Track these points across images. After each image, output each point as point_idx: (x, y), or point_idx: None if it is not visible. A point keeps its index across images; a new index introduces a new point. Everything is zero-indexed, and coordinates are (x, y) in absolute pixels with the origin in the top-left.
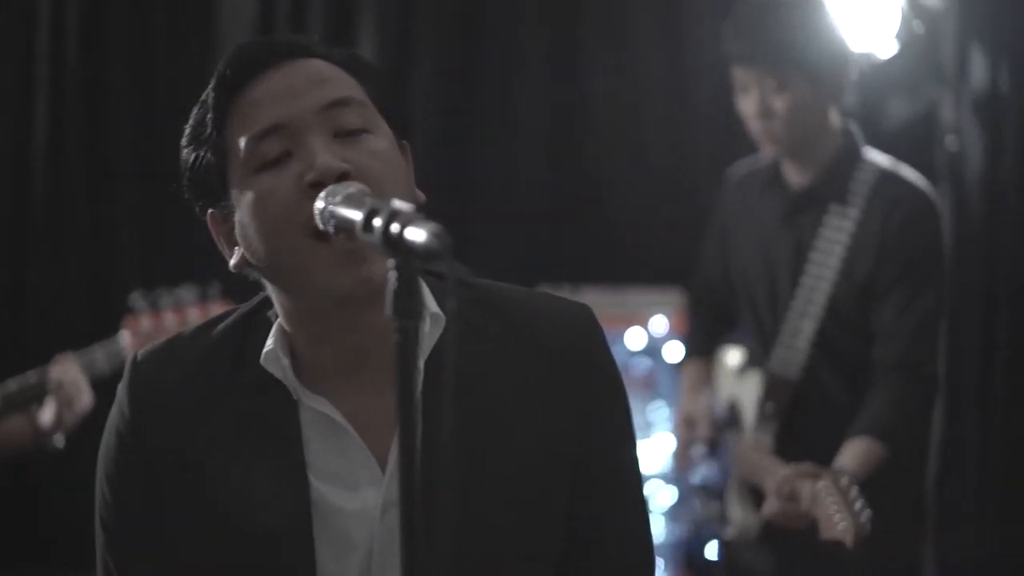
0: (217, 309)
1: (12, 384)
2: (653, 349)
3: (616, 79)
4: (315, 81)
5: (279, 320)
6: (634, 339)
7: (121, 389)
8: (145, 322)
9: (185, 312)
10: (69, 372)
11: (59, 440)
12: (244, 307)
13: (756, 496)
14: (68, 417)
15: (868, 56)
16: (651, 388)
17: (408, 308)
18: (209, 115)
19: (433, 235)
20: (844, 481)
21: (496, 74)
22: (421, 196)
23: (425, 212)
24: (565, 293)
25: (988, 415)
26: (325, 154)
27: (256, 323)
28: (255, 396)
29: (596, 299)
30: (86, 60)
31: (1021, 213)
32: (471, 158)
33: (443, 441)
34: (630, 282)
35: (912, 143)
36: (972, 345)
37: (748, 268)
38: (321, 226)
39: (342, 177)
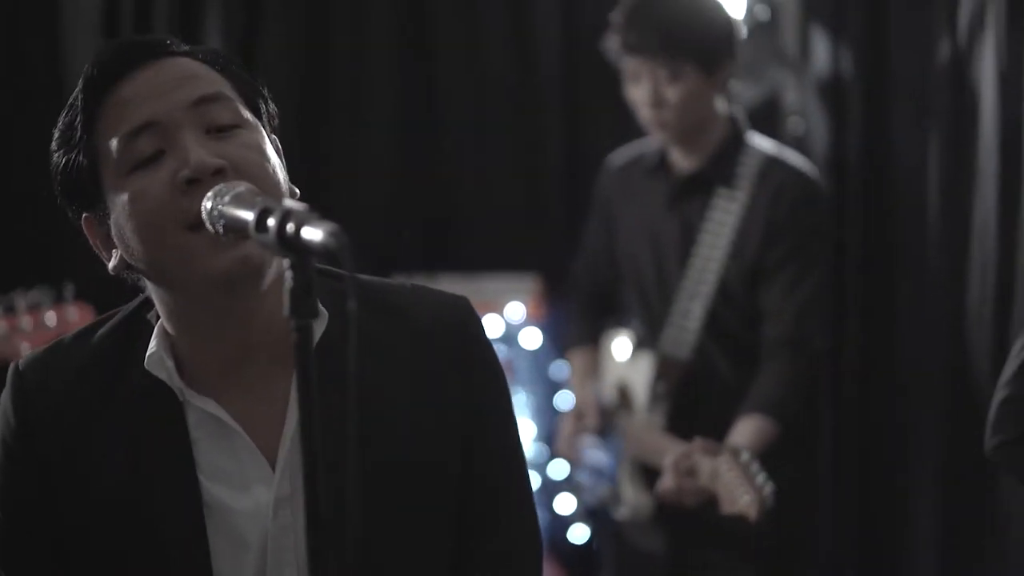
0: (73, 310)
1: None
2: (510, 336)
3: (464, 64)
4: (184, 78)
5: (160, 322)
6: (491, 326)
7: (4, 398)
8: (1, 325)
9: (40, 313)
10: None
11: None
12: (124, 310)
13: (649, 476)
14: None
15: None
16: (509, 375)
17: (305, 307)
18: (78, 118)
19: (330, 234)
20: (745, 456)
21: (345, 63)
22: (296, 191)
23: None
24: (420, 281)
25: (839, 386)
26: (199, 150)
27: (137, 326)
28: (141, 399)
29: (451, 287)
30: None
31: (865, 194)
32: (322, 147)
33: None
34: (484, 270)
35: (757, 126)
36: None
37: (635, 253)
38: (210, 227)
39: (217, 173)
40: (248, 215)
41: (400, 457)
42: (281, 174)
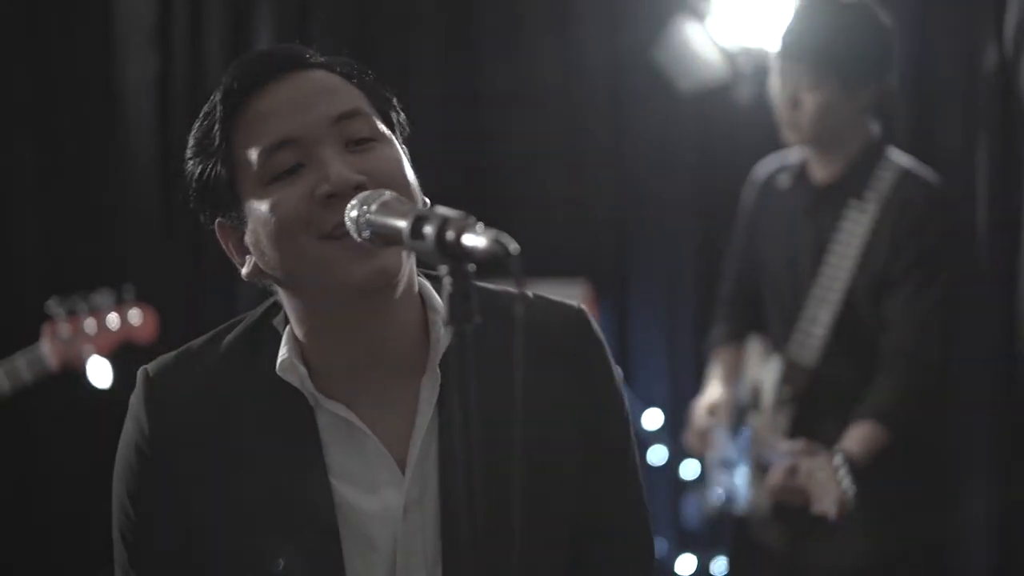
0: (135, 312)
1: None
2: None
3: (512, 68)
4: (323, 92)
5: (289, 328)
6: None
7: (136, 403)
8: (64, 328)
9: (103, 316)
10: None
11: None
12: (249, 316)
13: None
14: None
15: (760, 51)
16: None
17: (464, 312)
18: (216, 127)
19: (496, 241)
20: (837, 459)
21: (392, 68)
22: (428, 201)
23: None
24: None
25: None
26: (339, 166)
27: (264, 332)
28: (272, 405)
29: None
30: None
31: None
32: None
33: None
34: (534, 276)
35: None
36: None
37: (772, 259)
38: (356, 235)
39: (357, 188)
40: (401, 223)
41: (525, 464)
42: (415, 185)
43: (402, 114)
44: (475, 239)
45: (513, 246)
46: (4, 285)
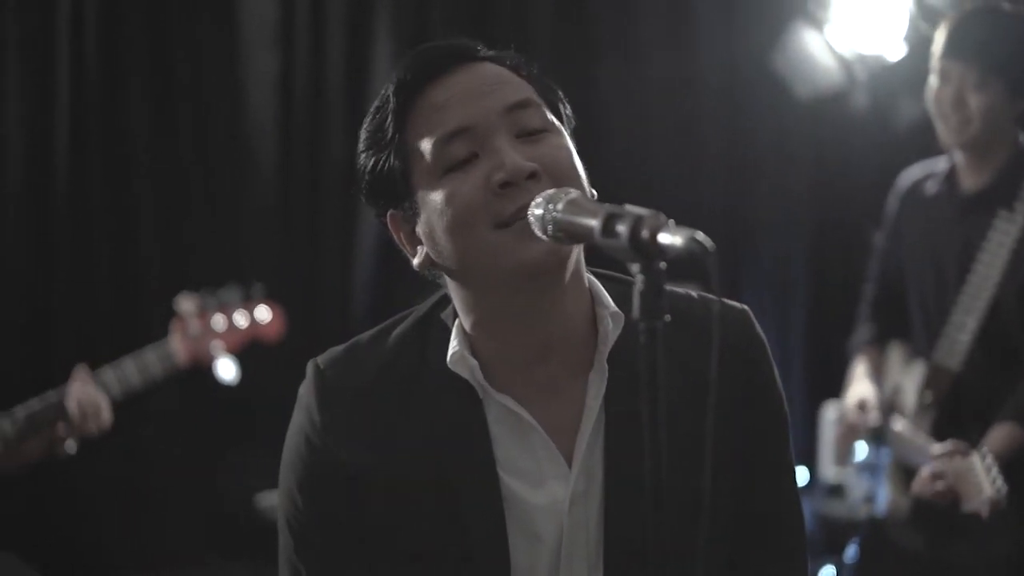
0: (263, 309)
1: (35, 404)
2: None
3: (626, 79)
4: (495, 84)
5: (458, 321)
6: None
7: (307, 395)
8: (193, 324)
9: (231, 312)
10: (85, 391)
11: (70, 447)
12: (417, 310)
13: (909, 477)
14: (84, 430)
15: (877, 58)
16: None
17: (655, 309)
18: (389, 119)
19: (693, 239)
20: (987, 459)
21: None
22: (595, 193)
23: None
24: None
25: None
26: (513, 154)
27: (432, 326)
28: (442, 397)
29: None
30: (105, 68)
31: None
32: None
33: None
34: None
35: (922, 144)
36: None
37: (918, 265)
38: (540, 233)
39: (531, 176)
40: (591, 221)
41: (689, 463)
42: (584, 176)
43: (568, 107)
44: (670, 237)
45: (710, 244)
46: (133, 281)
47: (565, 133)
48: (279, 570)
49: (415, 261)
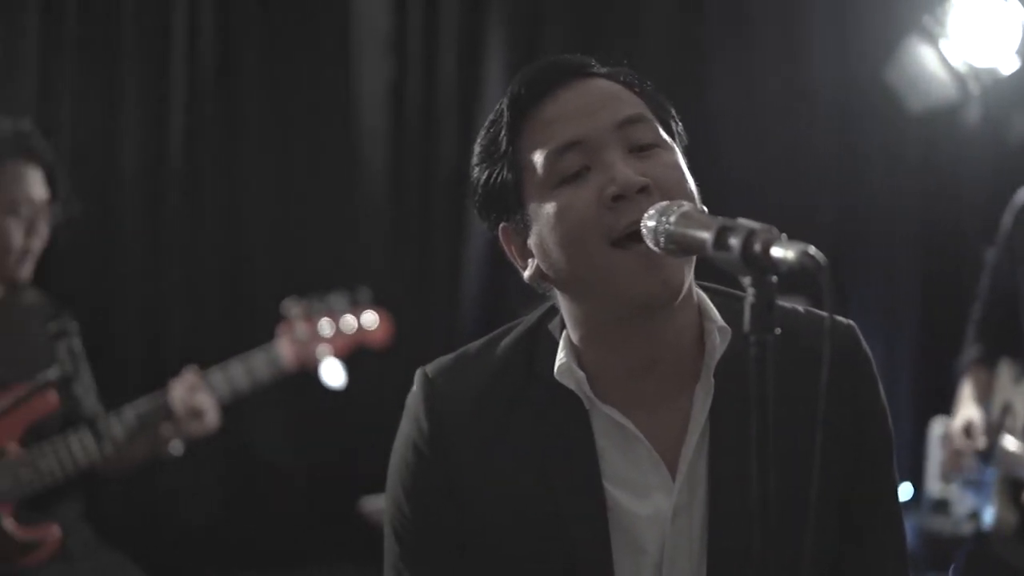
0: (370, 314)
1: (143, 404)
2: None
3: (738, 92)
4: (608, 99)
5: (566, 333)
6: None
7: (415, 404)
8: (300, 328)
9: (339, 317)
10: (192, 392)
11: (176, 448)
12: (526, 321)
13: (1017, 492)
14: (190, 431)
15: (991, 71)
16: None
17: (765, 323)
18: (503, 133)
19: (805, 254)
20: None
21: None
22: (705, 208)
23: None
24: None
25: None
26: (624, 168)
27: (539, 337)
28: (549, 407)
29: None
30: (221, 75)
31: None
32: None
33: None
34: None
35: None
36: None
37: None
38: (653, 246)
39: (642, 190)
40: (704, 234)
41: (794, 477)
42: (694, 191)
43: (680, 124)
44: (783, 251)
45: (822, 259)
46: (242, 285)
47: (677, 149)
48: (384, 574)
49: (526, 274)
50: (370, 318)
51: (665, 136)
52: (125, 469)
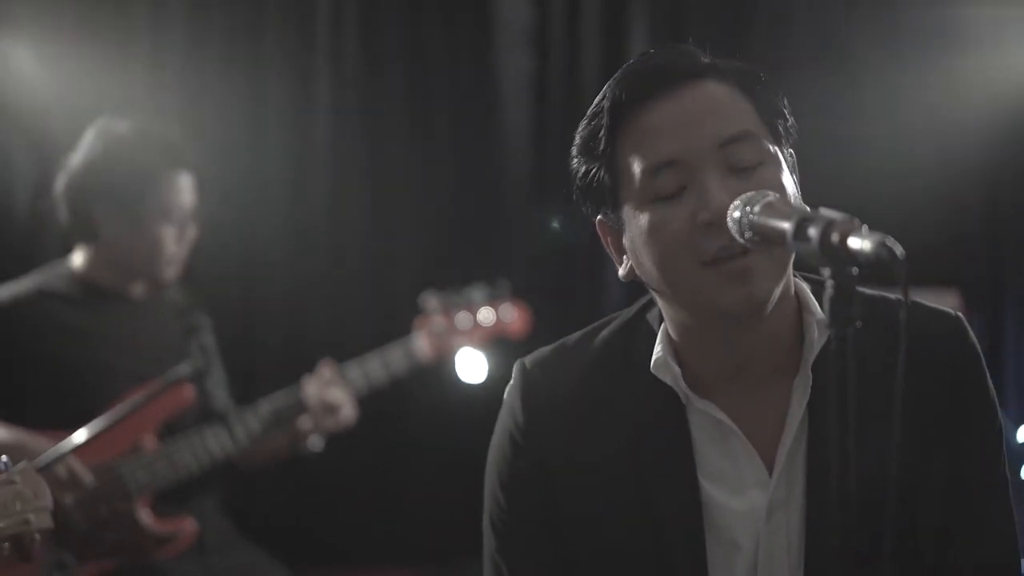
0: (509, 308)
1: (279, 398)
2: None
3: (886, 78)
4: (711, 112)
5: (664, 327)
6: None
7: (512, 395)
8: (438, 322)
9: (476, 310)
10: (326, 388)
11: (316, 444)
12: (625, 313)
13: None
14: (326, 426)
15: None
16: None
17: (846, 315)
18: (603, 133)
19: (881, 244)
20: None
21: (764, 70)
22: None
23: None
24: None
25: None
26: (721, 194)
27: (638, 329)
28: (645, 401)
29: None
30: (363, 70)
31: None
32: None
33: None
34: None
35: None
36: None
37: None
38: (739, 237)
39: None
40: (784, 224)
41: (891, 469)
42: (798, 199)
43: (791, 119)
44: (860, 242)
45: (899, 250)
46: (381, 278)
47: (782, 159)
48: (484, 567)
49: (621, 272)
50: (508, 311)
51: (770, 148)
52: (264, 463)
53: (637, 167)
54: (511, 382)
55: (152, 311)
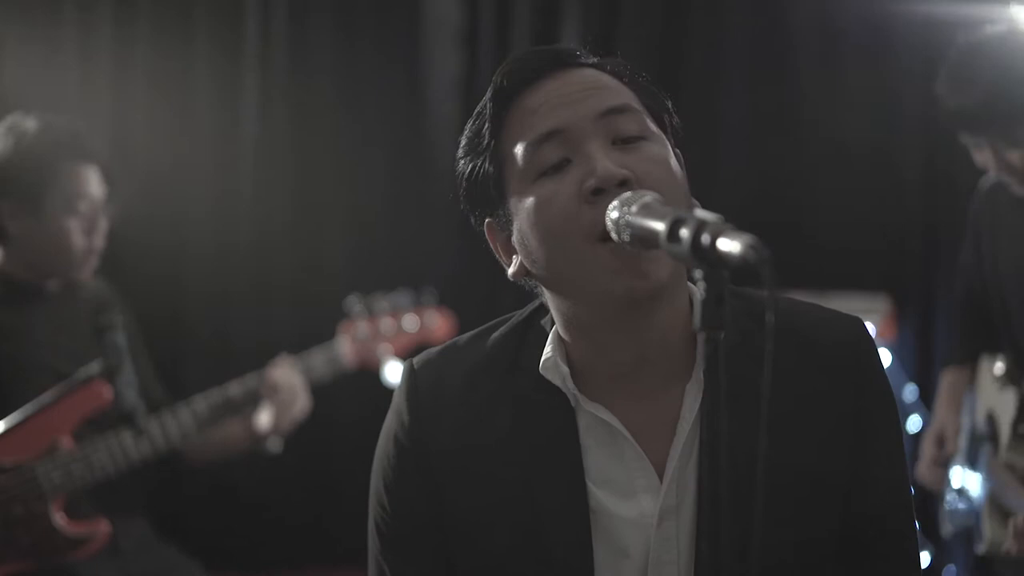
0: (433, 314)
1: (234, 387)
2: None
3: (823, 79)
4: (591, 88)
5: (555, 328)
6: None
7: (399, 396)
8: (362, 327)
9: (401, 316)
10: (287, 375)
11: (275, 444)
12: (518, 315)
13: (1006, 513)
14: (284, 421)
15: None
16: None
17: (717, 318)
18: (486, 125)
19: (749, 246)
20: None
21: (700, 75)
22: (697, 203)
23: None
24: None
25: None
26: (605, 160)
27: (530, 332)
28: (533, 403)
29: None
30: (292, 67)
31: None
32: None
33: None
34: (835, 288)
35: None
36: None
37: (1001, 281)
38: (615, 236)
39: (623, 183)
40: (659, 225)
41: (787, 474)
42: (684, 186)
43: (676, 118)
44: (729, 244)
45: (766, 252)
46: (306, 282)
47: (666, 142)
48: (368, 568)
49: (510, 271)
50: (433, 317)
51: (655, 128)
52: (215, 457)
53: (520, 147)
54: (399, 382)
55: (68, 306)
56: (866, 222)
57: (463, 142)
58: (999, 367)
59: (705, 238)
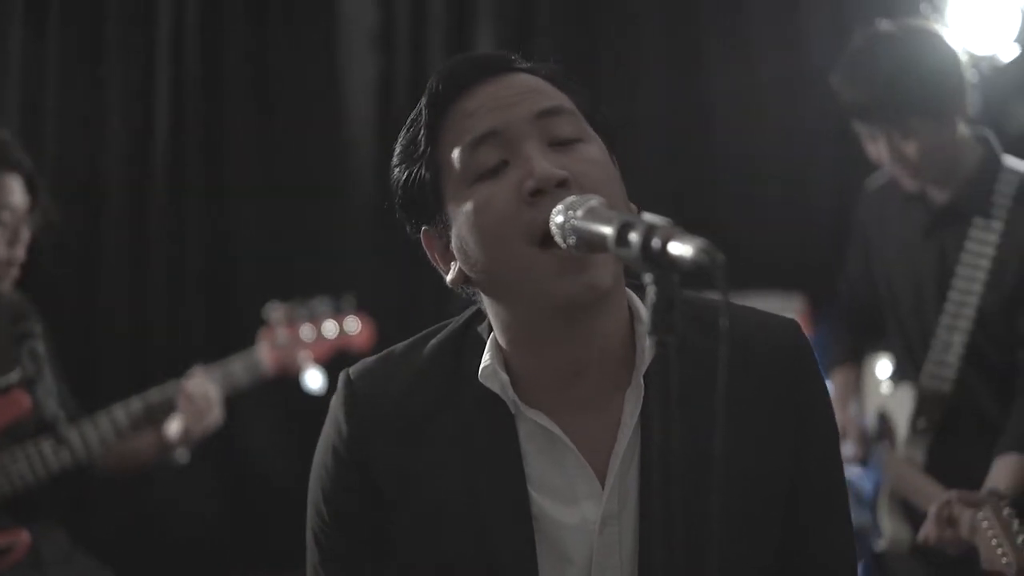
0: (353, 320)
1: (152, 395)
2: None
3: (736, 78)
4: (527, 91)
5: (493, 335)
6: None
7: (336, 406)
8: (281, 333)
9: (321, 322)
10: (201, 386)
11: (183, 455)
12: (454, 322)
13: (907, 509)
14: (195, 431)
15: (989, 59)
16: None
17: (667, 323)
18: (421, 132)
19: (701, 250)
20: (1006, 512)
21: (612, 76)
22: (633, 206)
23: None
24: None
25: None
26: (543, 161)
27: (467, 339)
28: (473, 411)
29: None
30: (205, 68)
31: None
32: None
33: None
34: (750, 288)
35: None
36: None
37: (891, 280)
38: (561, 241)
39: (561, 184)
40: (606, 229)
41: (731, 477)
42: (621, 189)
43: (609, 120)
44: (681, 247)
45: (719, 256)
46: (223, 289)
47: (602, 144)
48: None
49: (448, 278)
50: (352, 324)
51: (589, 130)
52: (129, 468)
53: (457, 152)
54: (336, 392)
55: None
56: (779, 222)
57: (398, 150)
58: (885, 366)
59: (656, 242)
